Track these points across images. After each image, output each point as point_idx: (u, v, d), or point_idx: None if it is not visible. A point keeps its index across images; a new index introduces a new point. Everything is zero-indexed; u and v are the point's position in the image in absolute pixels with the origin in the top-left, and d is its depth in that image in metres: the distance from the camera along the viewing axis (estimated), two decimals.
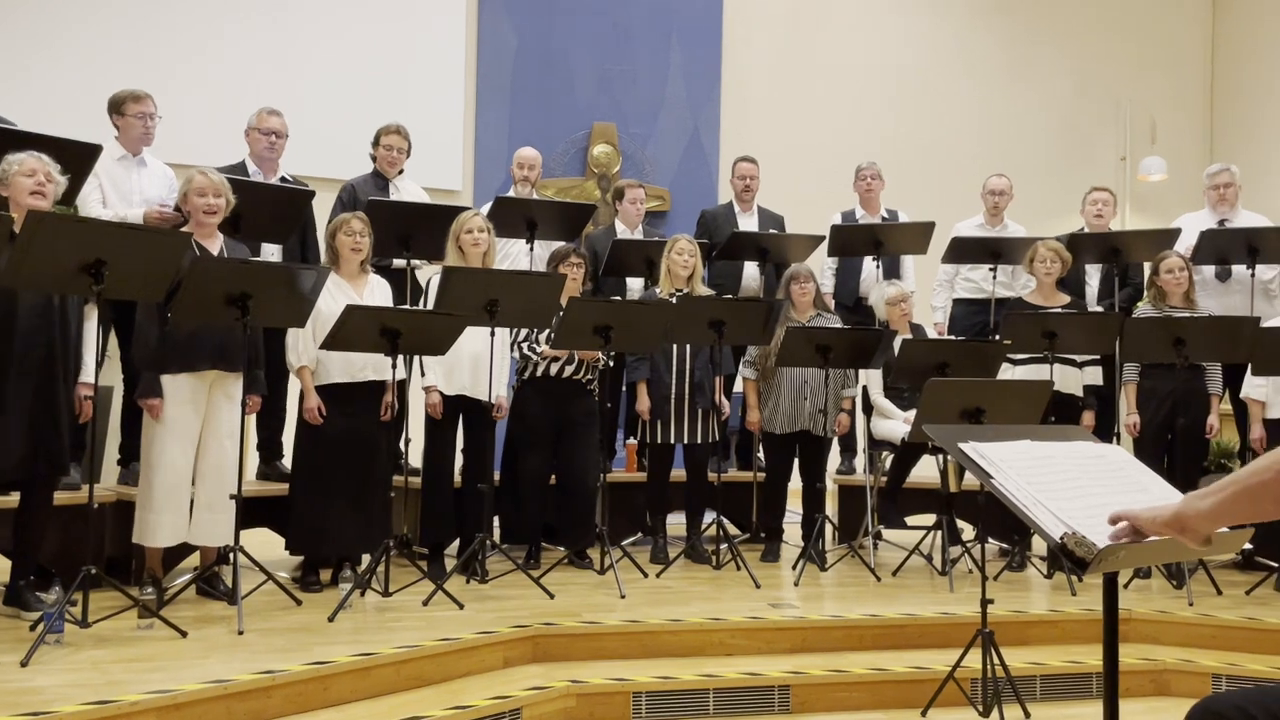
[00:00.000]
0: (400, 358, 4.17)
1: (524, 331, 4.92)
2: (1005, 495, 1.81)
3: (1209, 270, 5.49)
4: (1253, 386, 4.85)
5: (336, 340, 4.00)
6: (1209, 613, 4.24)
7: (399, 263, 5.04)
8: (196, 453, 4.00)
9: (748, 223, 6.20)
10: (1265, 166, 8.62)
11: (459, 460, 4.90)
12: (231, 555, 3.81)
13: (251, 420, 5.01)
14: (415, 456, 4.81)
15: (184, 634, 3.47)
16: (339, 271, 4.37)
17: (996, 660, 3.48)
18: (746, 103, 8.63)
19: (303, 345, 4.27)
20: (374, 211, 4.64)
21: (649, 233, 6.14)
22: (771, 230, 6.12)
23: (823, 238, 5.84)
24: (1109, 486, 1.87)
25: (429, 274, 4.83)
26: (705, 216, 6.36)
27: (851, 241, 5.91)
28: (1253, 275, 5.30)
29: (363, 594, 4.11)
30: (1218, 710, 1.51)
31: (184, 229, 4.00)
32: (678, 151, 8.44)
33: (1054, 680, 3.85)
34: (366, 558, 4.34)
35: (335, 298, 4.19)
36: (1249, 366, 4.80)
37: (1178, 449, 4.94)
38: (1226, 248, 5.36)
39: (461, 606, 3.97)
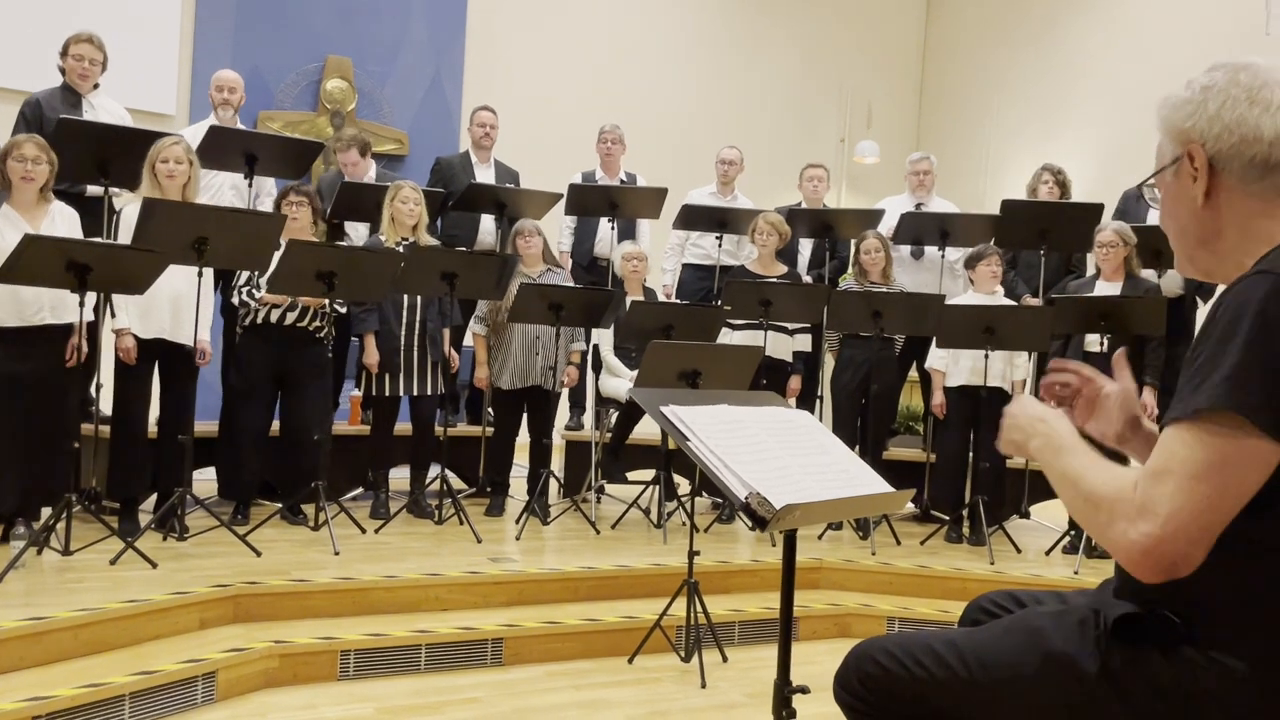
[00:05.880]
0: (92, 300, 3.78)
1: (245, 275, 4.61)
2: (698, 457, 1.90)
3: (905, 249, 6.00)
4: (935, 358, 5.35)
5: (13, 274, 3.57)
6: (888, 561, 4.67)
7: (94, 190, 4.56)
8: None
9: (484, 174, 6.12)
10: (962, 158, 9.51)
11: (156, 410, 4.54)
12: None
13: None
14: (108, 404, 4.41)
15: None
16: (10, 201, 3.90)
17: (700, 608, 3.68)
18: (492, 52, 8.47)
19: None
20: (65, 131, 4.18)
21: (385, 177, 5.91)
22: (508, 184, 6.06)
23: (561, 195, 5.86)
24: (791, 449, 2.00)
25: (126, 203, 4.40)
26: (441, 164, 6.22)
27: (588, 201, 5.97)
28: (943, 256, 5.85)
29: (39, 552, 3.75)
30: (869, 654, 1.65)
31: None
32: (418, 95, 8.13)
33: (751, 625, 4.13)
34: (48, 512, 3.95)
35: (3, 231, 3.74)
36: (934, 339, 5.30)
37: (870, 412, 5.40)
38: (922, 230, 5.88)
39: (155, 565, 3.71)
